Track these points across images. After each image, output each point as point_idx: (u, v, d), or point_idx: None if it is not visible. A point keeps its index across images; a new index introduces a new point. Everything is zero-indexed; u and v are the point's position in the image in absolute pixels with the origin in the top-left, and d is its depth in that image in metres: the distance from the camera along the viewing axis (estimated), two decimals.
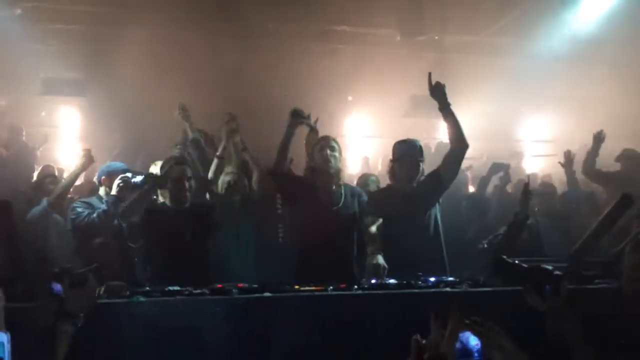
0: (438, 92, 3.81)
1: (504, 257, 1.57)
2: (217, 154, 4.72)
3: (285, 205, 4.46)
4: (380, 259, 3.48)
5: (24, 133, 7.31)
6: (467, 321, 1.16)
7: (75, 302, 1.95)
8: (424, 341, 1.11)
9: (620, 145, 5.90)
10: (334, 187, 3.95)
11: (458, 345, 1.10)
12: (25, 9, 7.36)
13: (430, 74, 3.80)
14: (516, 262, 2.15)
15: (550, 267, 2.01)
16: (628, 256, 2.43)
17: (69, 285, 2.00)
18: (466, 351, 1.13)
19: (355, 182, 5.24)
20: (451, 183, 4.03)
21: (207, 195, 4.52)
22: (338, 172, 3.94)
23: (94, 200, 4.23)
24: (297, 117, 3.88)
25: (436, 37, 8.65)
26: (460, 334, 1.13)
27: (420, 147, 3.98)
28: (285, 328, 2.85)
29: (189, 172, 3.98)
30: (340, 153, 4.01)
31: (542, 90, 8.63)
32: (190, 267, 3.51)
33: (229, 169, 4.56)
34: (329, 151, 3.89)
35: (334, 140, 4.03)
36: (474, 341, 1.15)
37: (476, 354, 1.13)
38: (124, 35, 7.32)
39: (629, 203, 3.15)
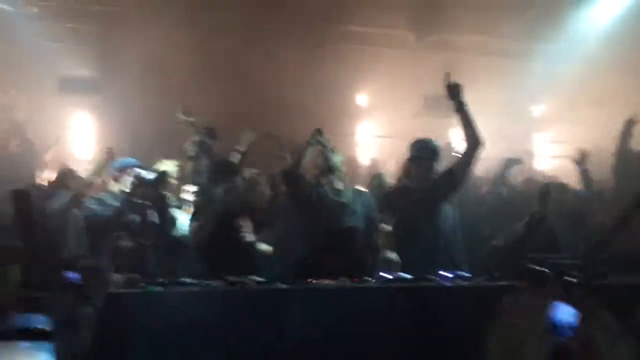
0: (454, 92, 3.83)
1: (530, 265, 1.55)
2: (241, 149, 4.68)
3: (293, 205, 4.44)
4: (393, 255, 3.51)
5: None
6: (566, 293, 1.02)
7: (90, 285, 1.99)
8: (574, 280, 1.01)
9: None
10: (339, 185, 3.97)
11: (550, 317, 0.99)
12: (41, 7, 7.44)
13: (447, 73, 3.82)
14: (542, 269, 2.12)
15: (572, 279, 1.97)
16: None
17: (81, 269, 2.04)
18: (556, 325, 1.01)
19: (367, 183, 5.25)
20: (465, 181, 4.03)
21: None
22: (338, 171, 4.00)
23: (106, 196, 4.24)
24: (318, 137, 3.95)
25: (447, 38, 8.64)
26: (557, 306, 1.00)
27: (436, 147, 4.00)
28: (298, 320, 2.87)
29: None
30: (340, 158, 4.11)
31: (554, 91, 8.60)
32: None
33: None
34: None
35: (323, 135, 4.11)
36: (566, 316, 1.02)
37: (565, 330, 1.00)
38: (138, 34, 7.38)
39: None
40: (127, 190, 4.08)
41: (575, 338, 0.98)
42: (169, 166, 4.77)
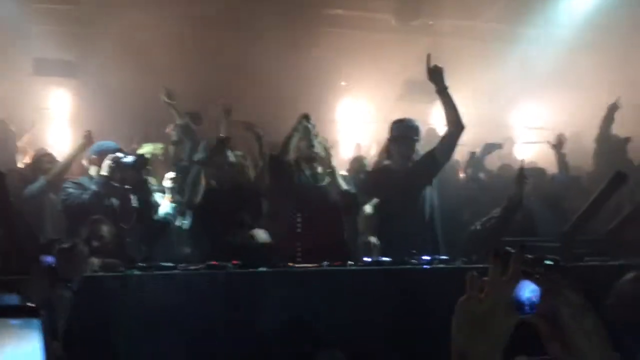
0: (436, 75, 3.83)
1: (508, 248, 1.54)
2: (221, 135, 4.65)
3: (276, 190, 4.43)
4: (372, 238, 3.53)
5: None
6: (528, 268, 1.00)
7: (66, 267, 1.97)
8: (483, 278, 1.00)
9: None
10: (319, 169, 3.97)
11: (514, 294, 0.97)
12: None
13: (429, 56, 3.82)
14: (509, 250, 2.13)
15: (552, 262, 1.99)
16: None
17: (57, 252, 2.02)
18: (518, 302, 0.99)
19: (348, 166, 5.25)
20: (446, 163, 4.07)
21: None
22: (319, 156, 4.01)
23: (84, 180, 4.17)
24: (305, 122, 3.93)
25: (431, 22, 8.62)
26: (521, 284, 0.98)
27: (417, 126, 4.01)
28: (278, 303, 2.87)
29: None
30: (323, 147, 4.07)
31: (537, 76, 8.66)
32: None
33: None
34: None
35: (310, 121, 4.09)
36: (528, 293, 1.00)
37: (527, 307, 0.99)
38: (116, 16, 7.25)
39: (622, 180, 3.19)
40: (106, 174, 4.02)
41: (538, 314, 0.98)
42: (153, 148, 4.72)
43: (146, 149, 4.82)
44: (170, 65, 7.10)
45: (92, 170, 4.24)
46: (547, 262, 2.03)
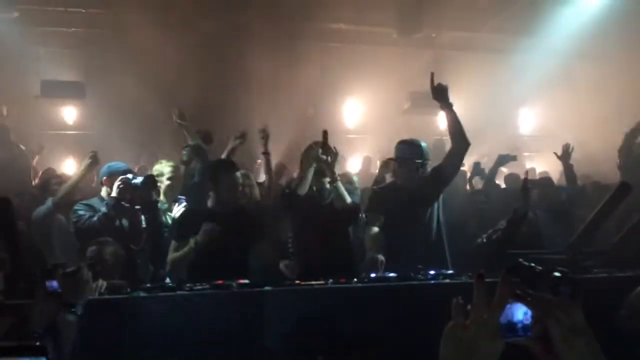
0: (440, 93, 3.83)
1: (521, 260, 1.51)
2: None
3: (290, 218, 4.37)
4: (377, 254, 3.51)
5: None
6: (519, 290, 0.99)
7: (70, 291, 1.97)
8: (468, 306, 0.99)
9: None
10: (327, 186, 3.95)
11: (502, 318, 0.96)
12: (22, 11, 7.38)
13: (432, 74, 3.82)
14: (532, 265, 2.10)
15: (560, 274, 1.94)
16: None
17: (62, 275, 2.02)
18: (510, 325, 0.97)
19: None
20: (452, 180, 4.06)
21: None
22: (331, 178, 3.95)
23: (95, 201, 4.21)
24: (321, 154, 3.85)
25: (433, 35, 8.67)
26: (506, 306, 0.97)
27: (421, 147, 3.98)
28: (284, 321, 2.87)
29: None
30: (337, 159, 4.01)
31: (539, 86, 8.66)
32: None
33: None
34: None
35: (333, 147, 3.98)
36: (521, 316, 0.98)
37: (520, 331, 0.98)
38: (123, 37, 7.34)
39: (627, 192, 3.17)
40: (115, 195, 4.05)
41: (531, 336, 0.96)
42: (164, 167, 4.74)
43: (157, 168, 4.84)
44: (177, 84, 7.19)
45: (104, 192, 4.29)
46: (556, 274, 1.99)
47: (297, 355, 2.77)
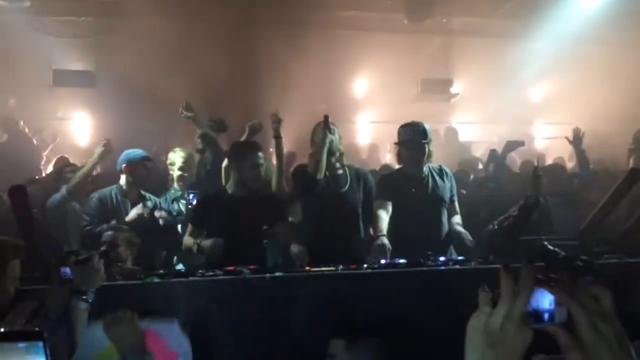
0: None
1: (546, 243, 1.50)
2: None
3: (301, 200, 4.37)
4: (384, 240, 3.51)
5: (21, 123, 7.39)
6: (541, 276, 0.98)
7: (81, 278, 2.01)
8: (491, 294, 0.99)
9: (632, 127, 5.83)
10: (339, 171, 3.96)
11: (527, 305, 0.96)
12: (33, 1, 7.42)
13: None
14: (556, 250, 2.08)
15: (582, 263, 1.92)
16: None
17: (74, 263, 2.06)
18: (536, 312, 0.97)
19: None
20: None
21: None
22: (338, 153, 3.96)
23: (111, 193, 4.28)
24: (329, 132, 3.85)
25: (444, 20, 8.59)
26: (535, 293, 0.96)
27: (424, 129, 3.95)
28: (295, 307, 2.90)
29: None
30: (339, 135, 4.01)
31: (550, 72, 8.57)
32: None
33: None
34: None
35: (333, 123, 3.97)
36: (547, 304, 0.97)
37: (547, 316, 0.97)
38: (133, 26, 7.36)
39: (637, 178, 3.15)
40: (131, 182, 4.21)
41: (557, 323, 0.95)
42: (176, 156, 4.80)
43: (170, 157, 4.89)
44: (188, 73, 7.20)
45: (123, 180, 4.33)
46: (578, 262, 1.96)
47: (311, 340, 2.80)
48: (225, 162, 4.30)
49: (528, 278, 0.94)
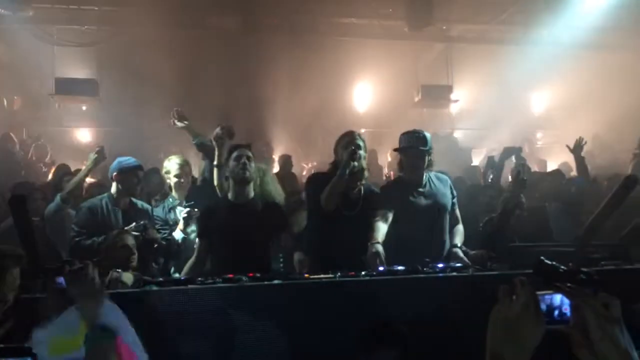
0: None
1: (542, 258, 1.55)
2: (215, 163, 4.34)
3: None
4: (378, 247, 3.49)
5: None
6: (560, 284, 1.12)
7: (74, 287, 2.01)
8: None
9: (632, 131, 5.84)
10: (354, 190, 3.90)
11: (542, 305, 1.10)
12: (36, 10, 7.49)
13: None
14: (554, 263, 2.10)
15: (585, 277, 1.97)
16: None
17: (67, 273, 2.06)
18: (550, 312, 1.11)
19: None
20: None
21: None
22: (362, 171, 3.86)
23: (102, 202, 4.21)
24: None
25: (444, 27, 8.64)
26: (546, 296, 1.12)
27: (424, 136, 3.95)
28: (293, 314, 2.90)
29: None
30: (365, 150, 3.92)
31: (550, 78, 8.60)
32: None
33: None
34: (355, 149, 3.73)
35: (360, 136, 3.89)
36: (560, 303, 1.13)
37: (560, 318, 1.11)
38: (135, 34, 7.42)
39: (633, 186, 3.16)
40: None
41: (571, 325, 1.10)
42: (171, 163, 4.77)
43: (165, 165, 4.88)
44: (191, 80, 7.25)
45: (114, 188, 4.27)
46: (582, 276, 2.03)
47: (303, 346, 2.81)
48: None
49: (523, 291, 1.07)
